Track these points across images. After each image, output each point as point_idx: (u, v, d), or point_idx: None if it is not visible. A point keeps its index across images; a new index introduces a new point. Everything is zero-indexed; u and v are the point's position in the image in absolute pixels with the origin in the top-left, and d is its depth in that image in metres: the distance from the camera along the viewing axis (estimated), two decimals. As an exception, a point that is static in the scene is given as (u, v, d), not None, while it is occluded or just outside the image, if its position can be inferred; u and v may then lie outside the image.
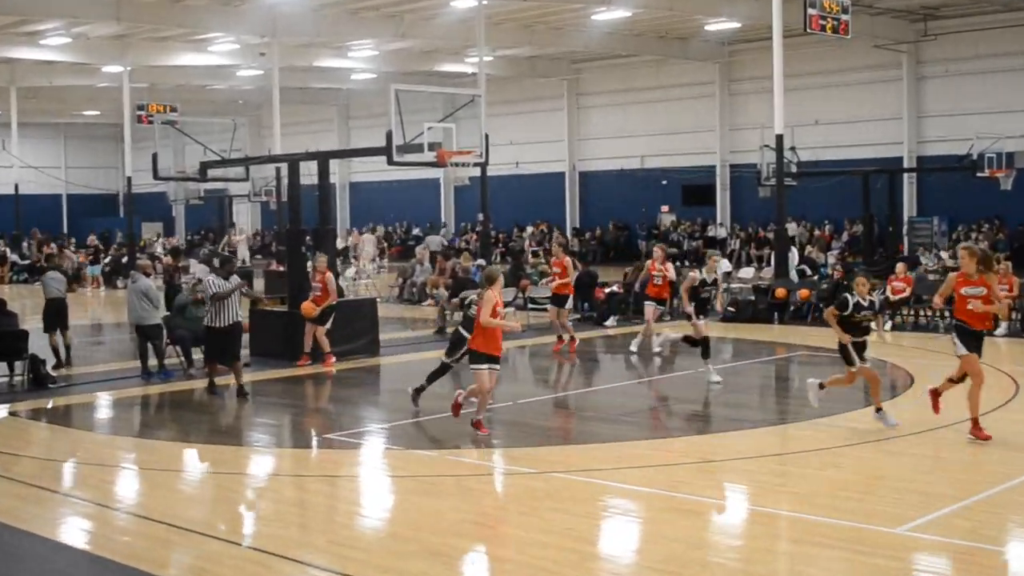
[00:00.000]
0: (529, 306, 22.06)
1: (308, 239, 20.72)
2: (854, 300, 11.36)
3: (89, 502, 9.37)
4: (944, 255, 30.77)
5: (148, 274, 16.38)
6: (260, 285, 26.25)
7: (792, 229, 34.33)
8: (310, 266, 17.50)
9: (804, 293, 22.14)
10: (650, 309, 17.16)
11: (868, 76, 36.17)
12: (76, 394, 14.83)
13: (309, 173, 18.38)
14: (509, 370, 15.62)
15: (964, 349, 10.74)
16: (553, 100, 44.78)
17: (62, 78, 40.71)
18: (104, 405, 14.26)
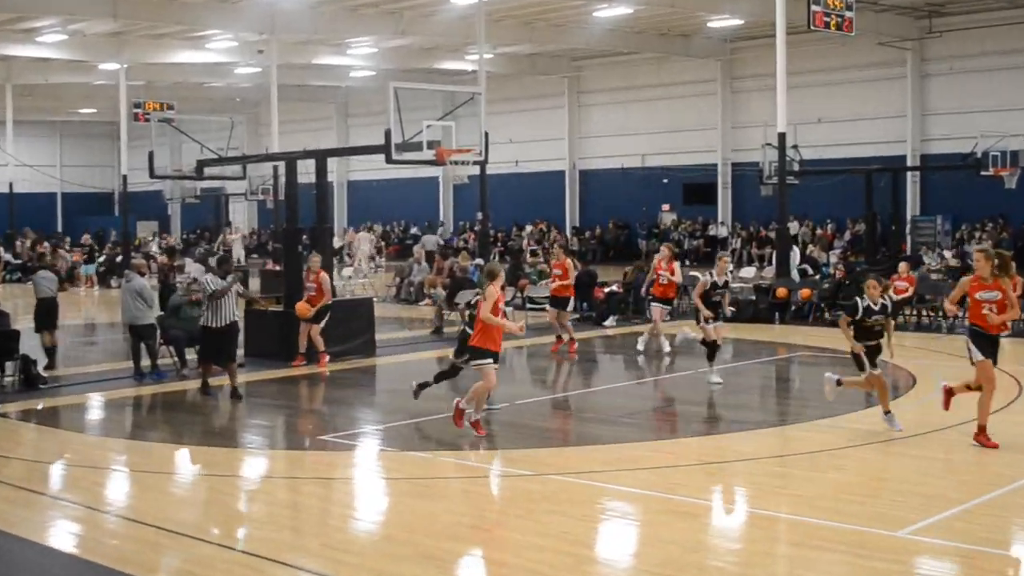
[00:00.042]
0: (528, 306, 22.02)
1: (305, 238, 20.58)
2: (864, 304, 11.13)
3: (79, 505, 9.28)
4: (947, 254, 30.66)
5: (143, 273, 16.47)
6: (256, 284, 26.16)
7: (794, 228, 34.25)
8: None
9: (805, 293, 22.05)
10: (657, 311, 17.23)
11: (872, 73, 36.01)
12: (67, 395, 14.71)
13: (307, 171, 18.25)
14: (507, 370, 15.49)
15: (979, 355, 10.52)
16: (554, 98, 44.62)
17: (58, 75, 40.53)
18: (96, 406, 14.14)
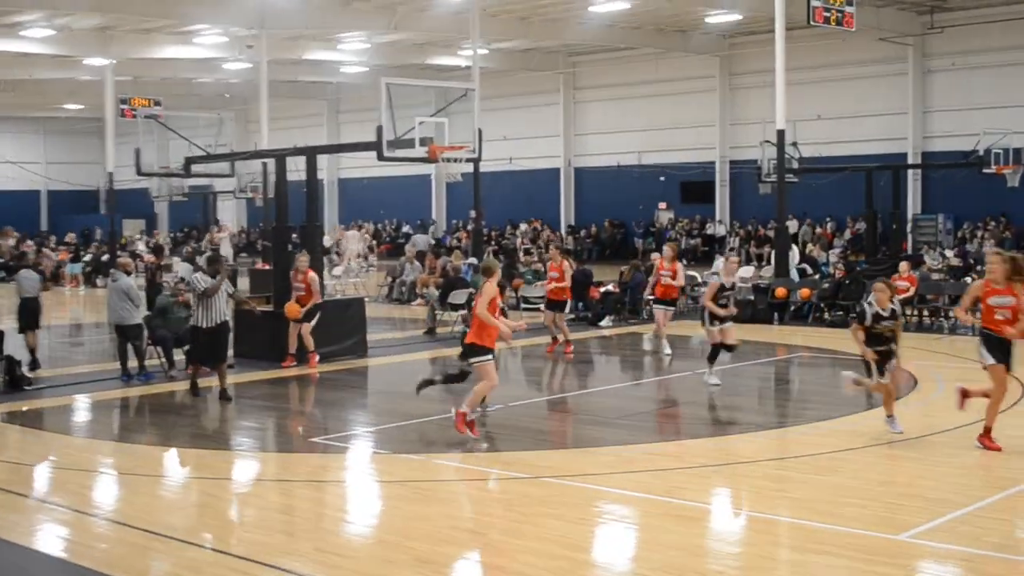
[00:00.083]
0: (522, 306, 21.85)
1: (295, 237, 20.67)
2: (873, 311, 10.93)
3: (66, 508, 9.23)
4: (949, 253, 30.43)
5: (129, 272, 16.40)
6: (245, 284, 26.08)
7: (793, 227, 33.99)
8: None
9: (805, 293, 21.99)
10: (660, 313, 17.19)
11: (872, 70, 35.73)
12: (53, 396, 14.60)
13: (297, 169, 18.08)
14: (501, 372, 15.30)
15: (991, 359, 10.34)
16: (549, 94, 44.31)
17: (43, 71, 40.14)
18: (82, 407, 14.06)
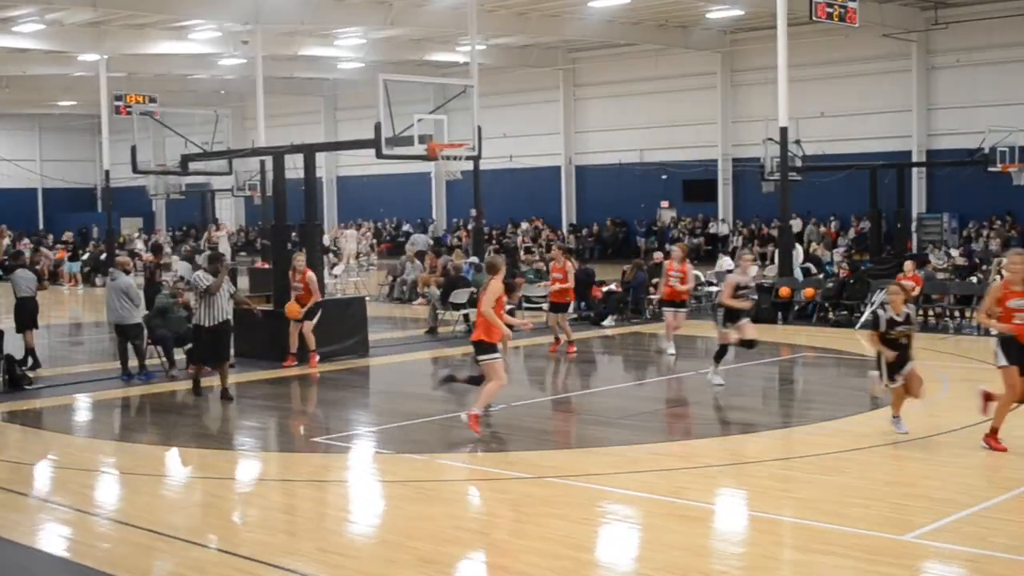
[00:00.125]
0: (524, 305, 21.91)
1: (294, 235, 20.69)
2: (887, 316, 10.75)
3: (68, 507, 9.26)
4: (954, 252, 30.23)
5: (128, 271, 16.21)
6: (245, 283, 26.08)
7: (796, 226, 33.78)
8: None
9: (809, 292, 21.85)
10: (669, 316, 17.05)
11: (876, 66, 35.50)
12: (54, 396, 14.64)
13: (295, 167, 18.03)
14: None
15: (1004, 360, 10.14)
16: (548, 91, 44.11)
17: (36, 67, 39.80)
18: (83, 407, 14.11)
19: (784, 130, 24.37)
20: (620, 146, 41.82)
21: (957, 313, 20.51)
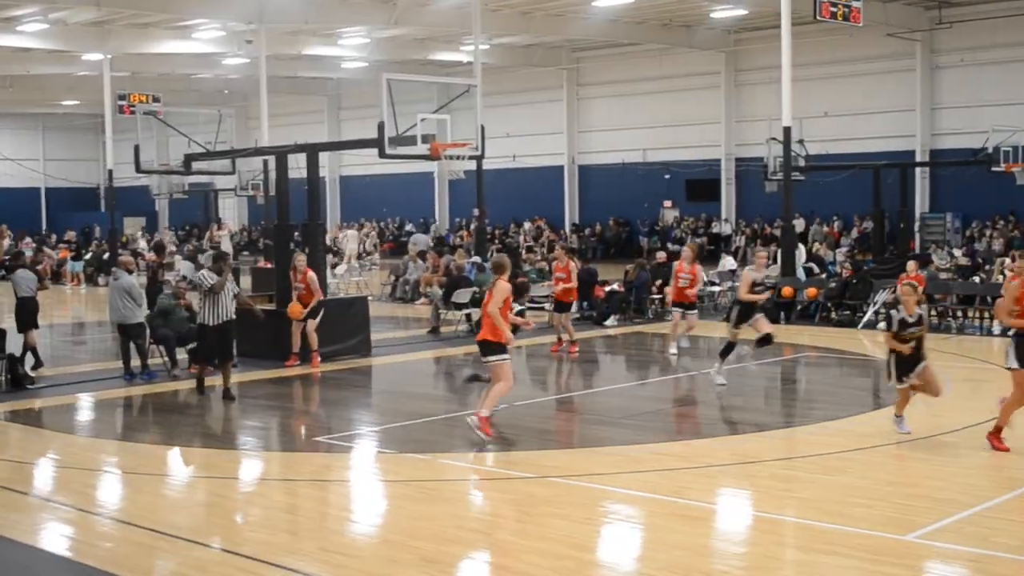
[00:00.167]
0: (526, 304, 21.58)
1: (297, 235, 20.60)
2: (899, 316, 10.76)
3: (70, 507, 9.25)
4: (957, 252, 30.16)
5: (130, 271, 16.31)
6: (247, 282, 26.08)
7: (799, 225, 33.65)
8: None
9: (812, 292, 21.78)
10: (677, 315, 16.99)
11: (880, 66, 35.42)
12: (56, 395, 14.60)
13: (298, 166, 18.00)
14: None
15: (1016, 363, 10.09)
16: (552, 90, 44.04)
17: (40, 66, 39.76)
18: (85, 407, 14.09)
19: (788, 130, 24.33)
20: (623, 146, 41.71)
21: (960, 313, 20.46)
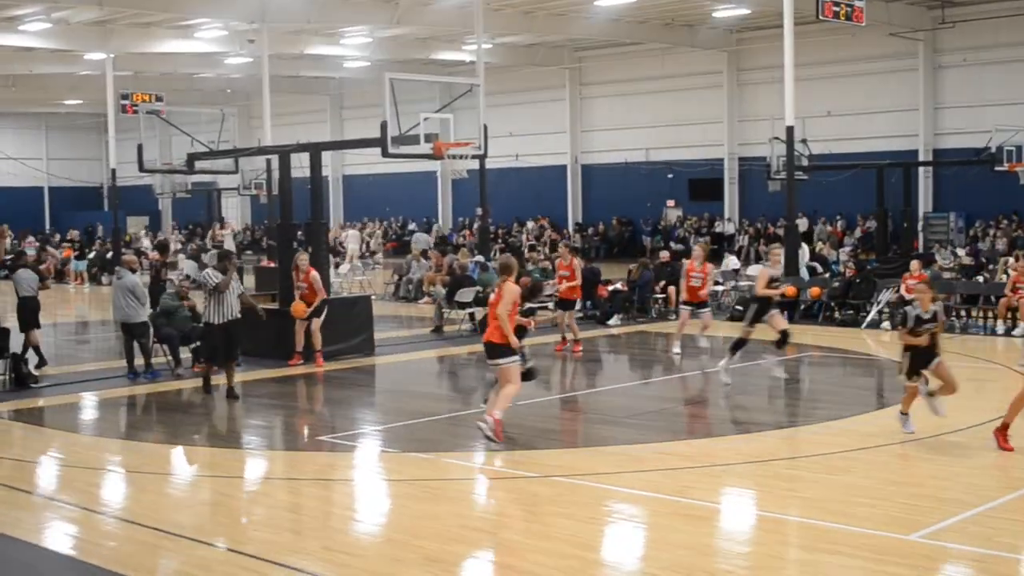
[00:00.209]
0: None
1: (300, 234, 20.57)
2: (915, 313, 10.80)
3: (74, 506, 9.25)
4: (961, 252, 30.11)
5: (134, 270, 16.13)
6: (250, 282, 26.06)
7: (803, 225, 33.61)
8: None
9: (815, 291, 21.75)
10: (685, 314, 16.91)
11: (883, 65, 35.38)
12: (60, 394, 14.63)
13: (300, 165, 18.01)
14: None
15: None
16: (554, 90, 43.99)
17: (43, 65, 39.82)
18: (89, 405, 14.10)
19: (790, 129, 24.31)
20: (626, 145, 41.67)
21: (964, 313, 20.43)
